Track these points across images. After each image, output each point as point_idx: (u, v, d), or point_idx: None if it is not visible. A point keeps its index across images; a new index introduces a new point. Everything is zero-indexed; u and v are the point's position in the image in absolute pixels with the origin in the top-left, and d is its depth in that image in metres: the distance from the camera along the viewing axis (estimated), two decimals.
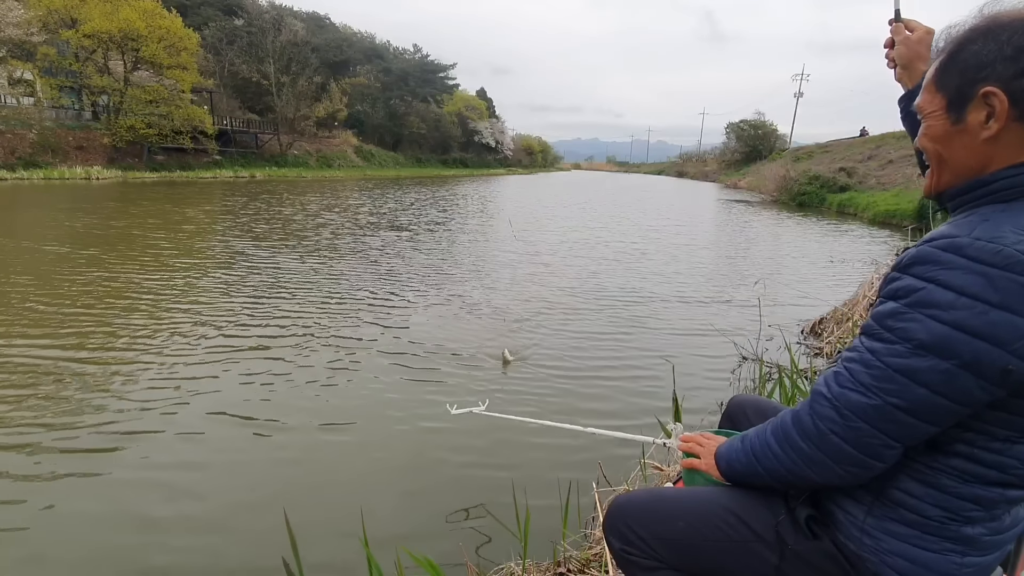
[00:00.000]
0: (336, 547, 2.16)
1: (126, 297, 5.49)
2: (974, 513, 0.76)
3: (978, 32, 0.69)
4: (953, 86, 0.71)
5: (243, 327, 4.72)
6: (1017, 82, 0.65)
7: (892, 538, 0.80)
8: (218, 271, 6.83)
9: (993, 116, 0.67)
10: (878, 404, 0.70)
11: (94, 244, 8.24)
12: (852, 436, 0.73)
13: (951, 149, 0.73)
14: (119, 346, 4.17)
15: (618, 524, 1.05)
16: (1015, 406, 0.67)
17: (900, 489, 0.79)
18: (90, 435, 2.92)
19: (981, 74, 0.67)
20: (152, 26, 23.98)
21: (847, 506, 0.85)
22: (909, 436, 0.71)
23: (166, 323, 4.75)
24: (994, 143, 0.68)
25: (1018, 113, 0.66)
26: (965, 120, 0.70)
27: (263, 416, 3.19)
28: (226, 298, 5.62)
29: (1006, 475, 0.73)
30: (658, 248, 9.92)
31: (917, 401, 0.68)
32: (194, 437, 2.95)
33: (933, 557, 0.78)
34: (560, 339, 4.70)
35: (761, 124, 49.00)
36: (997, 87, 0.66)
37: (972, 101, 0.69)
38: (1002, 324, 0.62)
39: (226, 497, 2.47)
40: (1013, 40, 0.65)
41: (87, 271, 6.49)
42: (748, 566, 0.95)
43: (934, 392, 0.66)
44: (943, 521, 0.77)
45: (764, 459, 0.87)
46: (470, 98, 59.59)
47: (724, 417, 1.49)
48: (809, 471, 0.80)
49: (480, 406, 2.52)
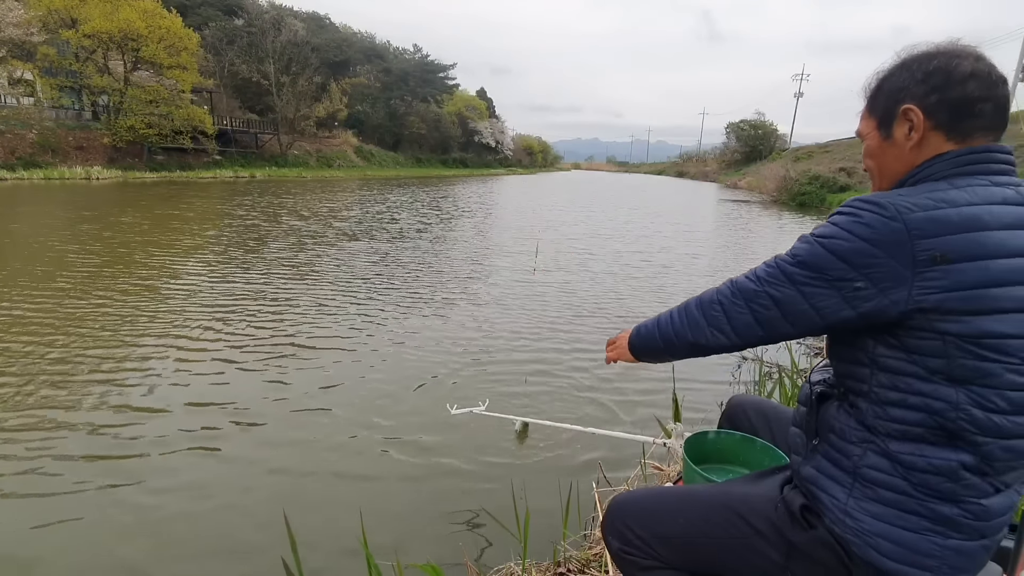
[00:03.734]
0: (336, 547, 2.16)
1: (134, 292, 5.50)
2: (941, 485, 0.79)
3: (896, 66, 0.86)
4: (881, 109, 0.87)
5: (241, 329, 4.72)
6: (928, 99, 0.81)
7: (873, 519, 0.83)
8: (219, 272, 6.83)
9: (913, 128, 0.82)
10: (758, 289, 0.84)
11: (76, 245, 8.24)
12: (729, 306, 0.88)
13: (885, 161, 0.88)
14: (118, 346, 4.18)
15: (617, 524, 1.05)
16: (892, 341, 0.78)
17: (869, 466, 0.83)
18: (88, 434, 2.92)
19: (900, 95, 0.84)
20: (152, 26, 23.95)
21: (831, 490, 0.87)
22: (768, 323, 0.84)
23: (165, 324, 4.75)
24: (917, 150, 0.83)
25: (933, 124, 0.81)
26: (893, 135, 0.85)
27: (263, 416, 3.19)
28: (225, 299, 5.62)
29: (938, 419, 0.77)
30: (662, 252, 9.92)
31: (785, 297, 0.81)
32: (193, 437, 2.95)
33: (913, 537, 0.81)
34: (560, 339, 4.70)
35: (761, 124, 49.03)
36: (914, 104, 0.82)
37: (896, 119, 0.84)
38: (864, 252, 0.75)
39: (226, 498, 2.47)
40: (921, 67, 0.82)
41: (75, 273, 6.49)
42: (749, 562, 0.95)
43: (800, 294, 0.80)
44: (916, 496, 0.80)
45: (663, 326, 1.00)
46: (470, 98, 59.58)
47: (723, 417, 1.49)
48: (687, 331, 0.94)
49: (480, 406, 2.53)
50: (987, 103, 0.79)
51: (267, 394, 3.48)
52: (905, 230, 0.73)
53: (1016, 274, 0.73)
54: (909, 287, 0.73)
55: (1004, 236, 0.73)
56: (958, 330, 0.73)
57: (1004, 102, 0.81)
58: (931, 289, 0.72)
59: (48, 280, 5.98)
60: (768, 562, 0.93)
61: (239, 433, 3.02)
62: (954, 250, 0.72)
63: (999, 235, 0.73)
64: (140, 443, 2.86)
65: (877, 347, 0.80)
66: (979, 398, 0.75)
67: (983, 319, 0.72)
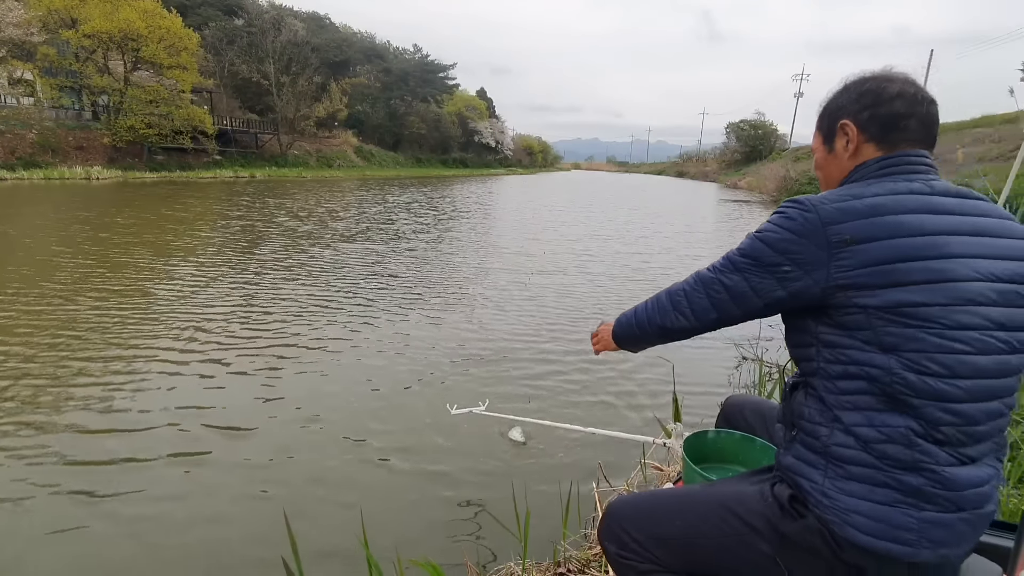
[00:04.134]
0: (336, 547, 2.16)
1: (129, 295, 5.50)
2: (900, 454, 0.83)
3: (839, 90, 1.01)
4: (825, 126, 1.02)
5: (240, 329, 4.72)
6: (861, 115, 0.95)
7: (847, 496, 0.86)
8: (220, 273, 6.83)
9: (849, 140, 0.97)
10: (713, 277, 0.97)
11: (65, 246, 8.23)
12: (691, 293, 1.01)
13: (829, 170, 1.02)
14: (117, 345, 4.18)
15: (614, 528, 1.06)
16: (827, 320, 0.88)
17: (836, 444, 0.88)
18: (87, 435, 2.92)
19: (839, 113, 0.98)
20: (152, 26, 23.93)
21: (809, 474, 0.90)
22: (720, 306, 0.97)
23: (163, 324, 4.75)
24: (853, 160, 0.97)
25: (866, 136, 0.95)
26: (835, 148, 1.00)
27: (262, 417, 3.20)
28: (225, 300, 5.62)
29: (878, 385, 0.84)
30: (663, 254, 9.92)
31: (733, 283, 0.94)
32: (193, 438, 2.95)
33: (887, 510, 0.84)
34: (561, 340, 4.70)
35: (761, 124, 49.03)
36: (849, 120, 0.97)
37: (836, 133, 0.99)
38: (789, 241, 0.87)
39: (225, 498, 2.47)
40: (856, 89, 0.97)
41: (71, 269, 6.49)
42: (744, 558, 0.96)
43: (744, 279, 0.93)
44: (882, 468, 0.84)
45: (639, 314, 1.13)
46: (470, 98, 59.54)
47: (720, 418, 1.50)
48: (656, 316, 1.07)
49: (480, 406, 2.53)
50: (911, 119, 0.93)
51: (265, 395, 3.48)
52: (819, 219, 0.85)
53: (919, 250, 0.82)
54: (827, 267, 0.84)
55: (906, 219, 0.84)
56: (875, 303, 0.82)
57: (928, 119, 0.94)
58: (845, 267, 0.84)
59: (34, 283, 5.98)
60: (762, 556, 0.94)
61: (237, 432, 3.02)
62: (860, 233, 0.83)
63: (901, 218, 0.84)
64: (138, 441, 2.86)
65: (818, 327, 0.90)
66: (910, 363, 0.82)
67: (894, 291, 0.81)
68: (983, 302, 0.82)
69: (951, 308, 0.81)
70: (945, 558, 0.85)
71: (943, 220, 0.85)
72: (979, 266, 0.83)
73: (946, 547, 0.84)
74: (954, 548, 0.85)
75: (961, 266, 0.82)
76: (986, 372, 0.83)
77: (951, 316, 0.81)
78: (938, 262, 0.81)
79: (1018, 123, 18.62)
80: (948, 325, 0.81)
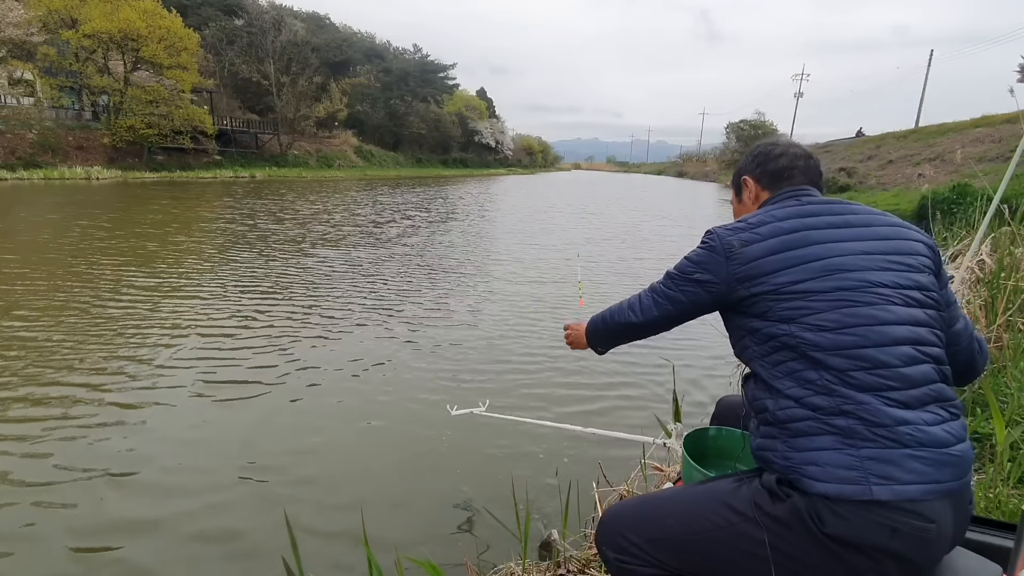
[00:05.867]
0: (336, 547, 2.16)
1: (131, 292, 5.50)
2: (824, 402, 0.96)
3: (744, 156, 1.33)
4: (736, 184, 1.34)
5: (241, 329, 4.72)
6: (755, 171, 1.27)
7: (798, 451, 0.96)
8: (220, 273, 6.84)
9: (749, 190, 1.28)
10: (658, 286, 1.22)
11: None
12: (644, 296, 1.25)
13: (742, 215, 1.23)
14: (116, 344, 4.18)
15: (611, 534, 1.07)
16: (744, 312, 1.09)
17: (779, 410, 1.00)
18: (86, 431, 2.92)
19: (742, 172, 1.31)
20: (152, 26, 23.91)
21: (771, 447, 1.00)
22: (661, 306, 1.20)
23: (161, 324, 4.75)
24: (755, 203, 1.26)
25: (762, 186, 1.25)
26: (743, 199, 1.31)
27: (262, 417, 3.20)
28: (225, 301, 5.62)
29: (788, 346, 1.01)
30: (671, 260, 9.92)
31: (669, 288, 1.19)
32: (193, 437, 2.95)
33: (829, 455, 0.93)
34: (560, 338, 4.69)
35: (761, 124, 48.97)
36: (748, 176, 1.29)
37: (742, 188, 1.30)
38: (703, 256, 1.12)
39: (226, 497, 2.47)
40: (751, 154, 1.30)
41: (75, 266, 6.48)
42: (740, 549, 0.97)
43: (675, 286, 1.17)
44: (816, 417, 0.96)
45: (606, 315, 1.36)
46: (470, 98, 59.52)
47: (713, 419, 1.52)
48: (617, 315, 1.31)
49: (480, 407, 2.52)
50: (794, 170, 1.22)
51: (265, 394, 3.48)
52: (719, 238, 1.11)
53: (787, 243, 1.05)
54: (727, 268, 1.08)
55: (780, 224, 1.08)
56: (765, 288, 1.04)
57: (809, 169, 1.22)
58: (737, 265, 1.07)
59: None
60: (756, 544, 0.95)
61: (238, 432, 3.02)
62: (745, 240, 1.08)
63: (775, 225, 1.08)
64: (138, 442, 2.86)
65: (742, 320, 1.10)
66: (807, 326, 1.00)
67: (775, 275, 1.03)
68: (853, 268, 1.01)
69: (825, 278, 1.01)
70: (906, 498, 0.87)
71: (809, 220, 1.08)
72: (844, 247, 1.04)
73: (900, 483, 0.88)
74: (912, 486, 0.88)
75: (824, 250, 1.03)
76: (877, 319, 0.98)
77: (825, 282, 1.01)
78: (800, 251, 1.04)
79: (1018, 123, 18.60)
80: (825, 290, 1.00)
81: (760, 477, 1.01)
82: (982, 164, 15.39)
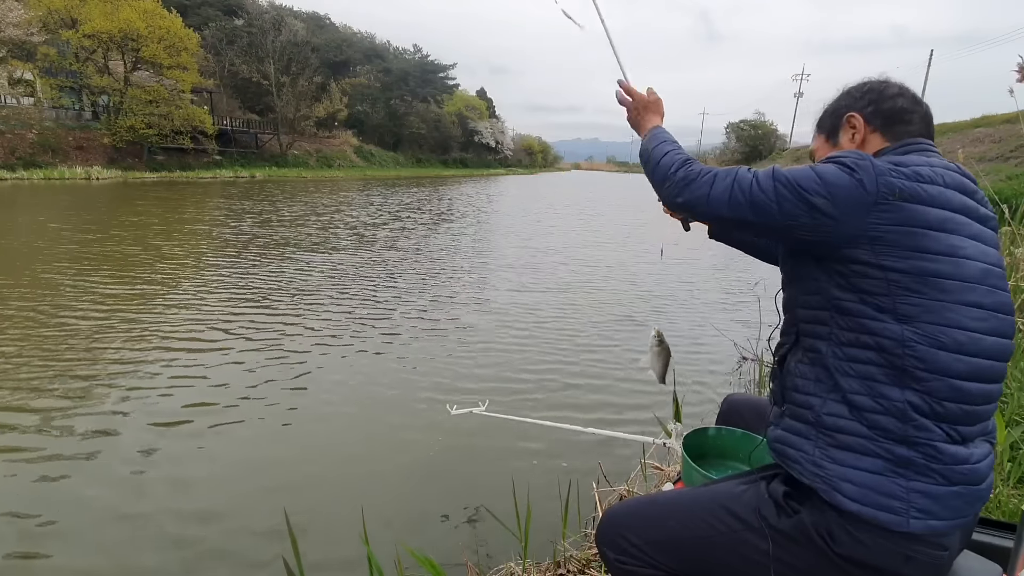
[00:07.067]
0: (337, 546, 2.16)
1: (133, 296, 5.50)
2: (893, 426, 0.84)
3: (839, 95, 1.07)
4: (828, 125, 1.07)
5: (243, 329, 4.72)
6: (866, 109, 1.00)
7: (837, 464, 0.87)
8: (221, 272, 6.84)
9: (856, 131, 1.01)
10: (749, 176, 0.93)
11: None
12: (721, 176, 0.95)
13: None
14: (116, 343, 4.18)
15: (611, 534, 1.06)
16: (843, 282, 0.87)
17: (828, 414, 0.89)
18: (86, 430, 2.92)
19: (843, 110, 1.03)
20: (152, 26, 23.91)
21: (799, 445, 0.92)
22: (737, 204, 0.92)
23: (159, 325, 4.75)
24: (862, 149, 0.99)
25: (873, 127, 1.00)
26: (840, 142, 1.04)
27: (263, 416, 3.20)
28: (225, 301, 5.62)
29: (887, 356, 0.85)
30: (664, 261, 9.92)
31: (764, 189, 0.90)
32: (193, 437, 2.95)
33: (875, 478, 0.84)
34: (560, 339, 4.70)
35: (761, 124, 49.05)
36: (855, 112, 1.01)
37: (842, 127, 1.04)
38: (839, 179, 0.86)
39: (226, 497, 2.47)
40: (859, 90, 1.04)
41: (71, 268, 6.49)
42: (741, 556, 0.96)
43: (775, 192, 0.89)
44: (874, 439, 0.85)
45: (670, 155, 1.04)
46: (470, 98, 59.53)
47: (719, 418, 1.50)
48: (682, 170, 1.00)
49: (480, 406, 2.52)
50: (914, 115, 0.99)
51: (266, 394, 3.48)
52: (872, 167, 0.85)
53: (944, 223, 0.84)
54: (866, 215, 0.83)
55: (943, 191, 0.85)
56: (901, 266, 0.83)
57: (928, 118, 0.99)
58: (883, 220, 0.83)
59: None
60: (758, 553, 0.94)
61: (238, 432, 3.02)
62: (907, 191, 0.83)
63: (940, 189, 0.85)
64: (138, 441, 2.86)
65: (831, 290, 0.89)
66: (923, 335, 0.83)
67: (920, 257, 0.82)
68: (994, 283, 0.85)
69: (966, 285, 0.83)
70: (935, 532, 0.84)
71: (970, 203, 0.88)
72: (978, 249, 0.86)
73: (937, 519, 0.84)
74: (946, 521, 0.84)
75: (971, 246, 0.85)
76: (988, 352, 0.85)
77: (965, 293, 0.83)
78: (958, 238, 0.84)
79: (1018, 123, 18.60)
80: (962, 301, 0.83)
81: (767, 484, 0.97)
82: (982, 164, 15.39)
